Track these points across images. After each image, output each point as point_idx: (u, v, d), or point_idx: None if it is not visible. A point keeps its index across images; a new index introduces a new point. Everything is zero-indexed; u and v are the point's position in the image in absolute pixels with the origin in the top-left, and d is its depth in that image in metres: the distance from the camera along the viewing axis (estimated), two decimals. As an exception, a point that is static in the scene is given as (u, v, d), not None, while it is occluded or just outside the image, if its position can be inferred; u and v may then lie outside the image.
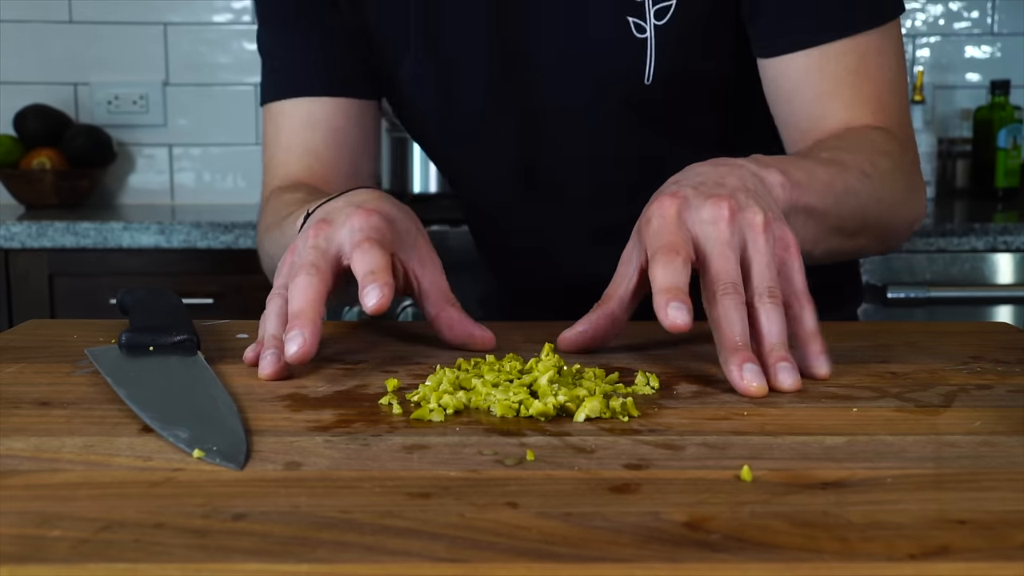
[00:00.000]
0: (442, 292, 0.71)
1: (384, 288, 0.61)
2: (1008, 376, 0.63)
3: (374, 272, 0.62)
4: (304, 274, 0.63)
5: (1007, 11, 2.40)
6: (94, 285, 1.87)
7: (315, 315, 0.61)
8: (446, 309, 0.71)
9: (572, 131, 0.91)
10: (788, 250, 0.62)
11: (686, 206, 0.62)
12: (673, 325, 0.57)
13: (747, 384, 0.57)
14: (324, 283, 0.63)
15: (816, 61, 0.84)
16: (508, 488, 0.42)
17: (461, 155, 0.97)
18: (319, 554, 0.36)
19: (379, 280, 0.61)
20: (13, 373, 0.63)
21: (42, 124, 2.22)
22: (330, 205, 0.71)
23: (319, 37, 0.94)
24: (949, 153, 2.37)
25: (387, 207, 0.69)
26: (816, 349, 0.62)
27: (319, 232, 0.66)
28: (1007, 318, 1.83)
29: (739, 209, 0.61)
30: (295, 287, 0.63)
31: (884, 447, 0.48)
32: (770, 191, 0.67)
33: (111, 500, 0.41)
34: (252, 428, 0.51)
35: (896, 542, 0.37)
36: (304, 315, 0.61)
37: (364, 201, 0.69)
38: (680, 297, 0.57)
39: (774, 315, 0.60)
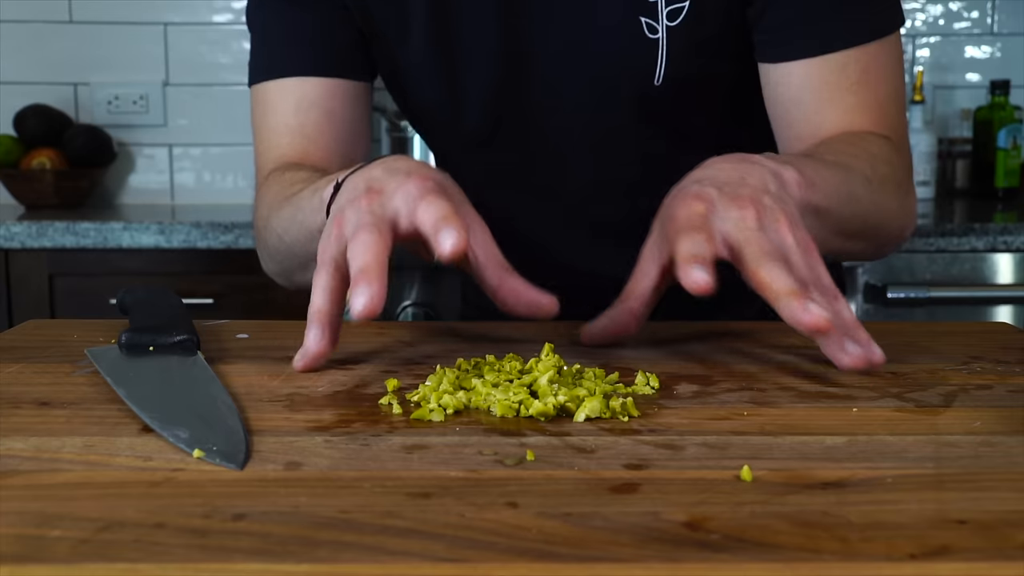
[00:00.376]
0: (499, 261, 0.67)
1: (461, 231, 0.58)
2: (1008, 376, 0.63)
3: (446, 217, 0.59)
4: (365, 232, 0.60)
5: (1007, 11, 2.40)
6: (94, 285, 1.87)
7: (382, 271, 0.58)
8: (507, 278, 0.67)
9: (576, 128, 0.91)
10: (811, 253, 0.63)
11: (712, 208, 0.62)
12: (695, 284, 0.57)
13: (815, 318, 0.56)
14: (386, 243, 0.60)
15: (820, 70, 0.85)
16: (508, 488, 0.42)
17: (462, 146, 0.96)
18: (319, 554, 0.36)
19: (453, 223, 0.58)
20: (13, 373, 0.63)
21: (42, 124, 2.22)
22: (369, 172, 0.66)
23: (315, 15, 0.91)
24: (949, 153, 2.37)
25: (435, 174, 0.66)
26: (864, 336, 0.62)
27: (372, 200, 0.62)
28: (1007, 318, 1.83)
29: (765, 213, 0.62)
30: (356, 246, 0.59)
31: (884, 447, 0.48)
32: (787, 189, 0.67)
33: (111, 500, 0.41)
34: (252, 428, 0.51)
35: (896, 542, 0.37)
36: (371, 270, 0.58)
37: (411, 168, 0.65)
38: (703, 262, 0.57)
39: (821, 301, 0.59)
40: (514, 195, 0.97)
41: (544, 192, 0.95)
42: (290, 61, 0.92)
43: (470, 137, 0.94)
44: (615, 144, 0.92)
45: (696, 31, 0.85)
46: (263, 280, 0.94)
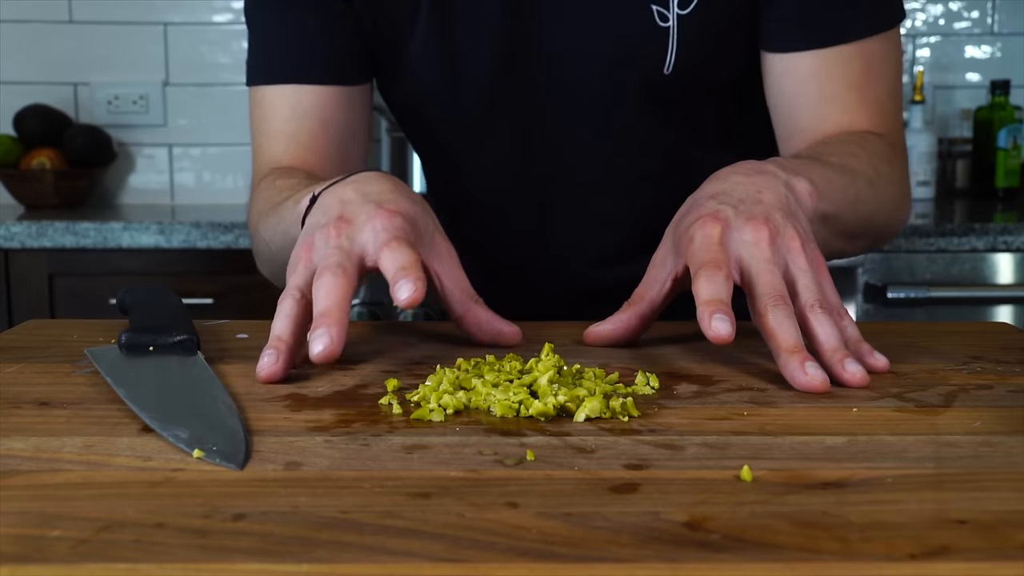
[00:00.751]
0: (465, 290, 0.70)
1: (417, 282, 0.60)
2: (1008, 376, 0.63)
3: (405, 268, 0.61)
4: (330, 274, 0.62)
5: (1007, 11, 2.40)
6: (94, 285, 1.87)
7: (342, 315, 0.60)
8: (472, 308, 0.70)
9: (581, 117, 0.90)
10: (820, 270, 0.65)
11: (728, 228, 0.64)
12: (717, 336, 0.58)
13: (811, 379, 0.58)
14: (350, 284, 0.62)
15: (824, 63, 0.85)
16: (508, 488, 0.42)
17: (462, 138, 0.95)
18: (319, 554, 0.36)
19: (411, 275, 0.60)
20: (13, 373, 0.63)
21: (42, 124, 2.22)
22: (342, 193, 0.68)
23: (315, 15, 0.91)
24: (949, 153, 2.37)
25: (406, 205, 0.67)
26: (867, 348, 0.64)
27: (340, 231, 0.64)
28: (1007, 318, 1.83)
29: (779, 233, 0.64)
30: (320, 287, 0.61)
31: (884, 447, 0.48)
32: (800, 201, 0.69)
33: (111, 500, 0.41)
34: (252, 428, 0.51)
35: (896, 542, 0.37)
36: (331, 314, 0.60)
37: (383, 199, 0.67)
38: (723, 309, 0.59)
39: (827, 322, 0.62)
40: (512, 187, 0.96)
41: (546, 185, 0.94)
42: (289, 66, 0.92)
43: (472, 128, 0.93)
44: (623, 134, 0.91)
45: (707, 19, 0.84)
46: (263, 280, 0.94)
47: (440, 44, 0.89)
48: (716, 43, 0.86)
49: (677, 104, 0.89)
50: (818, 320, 0.62)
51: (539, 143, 0.92)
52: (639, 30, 0.85)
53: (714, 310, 0.59)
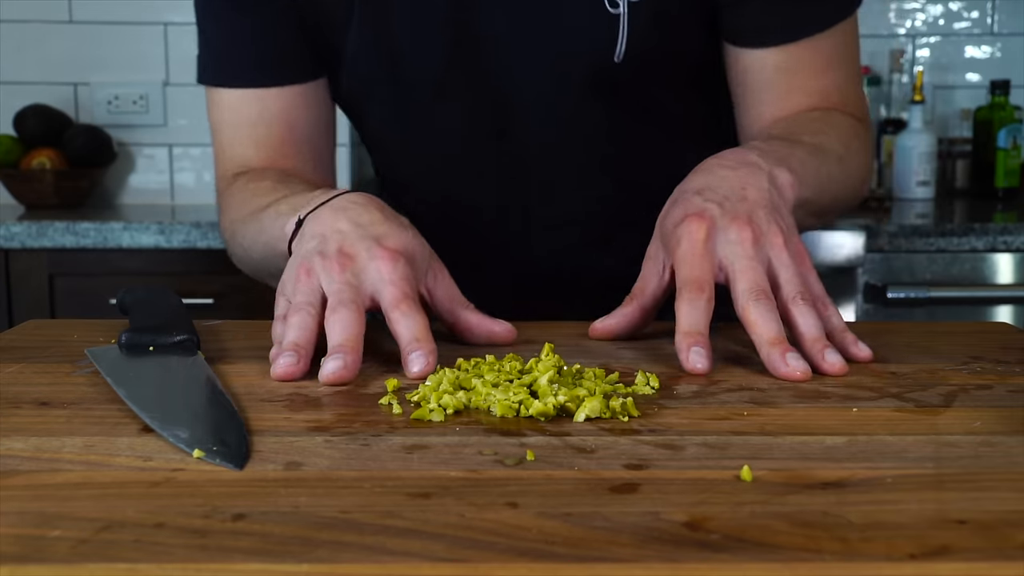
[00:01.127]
0: (455, 299, 0.73)
1: (429, 356, 0.62)
2: (1008, 376, 0.63)
3: (418, 339, 0.63)
4: (345, 310, 0.63)
5: (1007, 11, 2.40)
6: (94, 285, 1.87)
7: (359, 347, 0.62)
8: (462, 314, 0.72)
9: (531, 106, 0.89)
10: (804, 262, 0.68)
11: (713, 229, 0.66)
12: (693, 369, 0.62)
13: (792, 370, 0.61)
14: (362, 320, 0.64)
15: (793, 55, 0.86)
16: (508, 488, 0.42)
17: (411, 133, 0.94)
18: (319, 554, 0.36)
19: (424, 348, 0.63)
20: (13, 373, 0.63)
21: (42, 124, 2.22)
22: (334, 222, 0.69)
23: (267, 17, 0.90)
24: (949, 153, 2.37)
25: (402, 240, 0.69)
26: (851, 338, 0.67)
27: (344, 267, 0.66)
28: (1007, 318, 1.83)
29: (762, 232, 0.66)
30: (337, 322, 0.63)
31: (884, 447, 0.48)
32: (782, 194, 0.71)
33: (111, 500, 0.41)
34: (252, 428, 0.51)
35: (896, 542, 0.37)
36: (348, 344, 0.62)
37: (379, 232, 0.68)
38: (701, 342, 0.62)
39: (808, 313, 0.64)
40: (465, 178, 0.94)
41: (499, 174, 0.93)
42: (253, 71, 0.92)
43: (419, 120, 0.92)
44: (574, 122, 0.90)
45: (658, 6, 0.84)
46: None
47: (376, 37, 0.87)
48: (669, 29, 0.85)
49: (629, 92, 0.88)
50: (799, 311, 0.64)
51: (489, 133, 0.91)
52: (589, 16, 0.84)
53: (692, 343, 0.62)
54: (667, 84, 0.90)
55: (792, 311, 0.65)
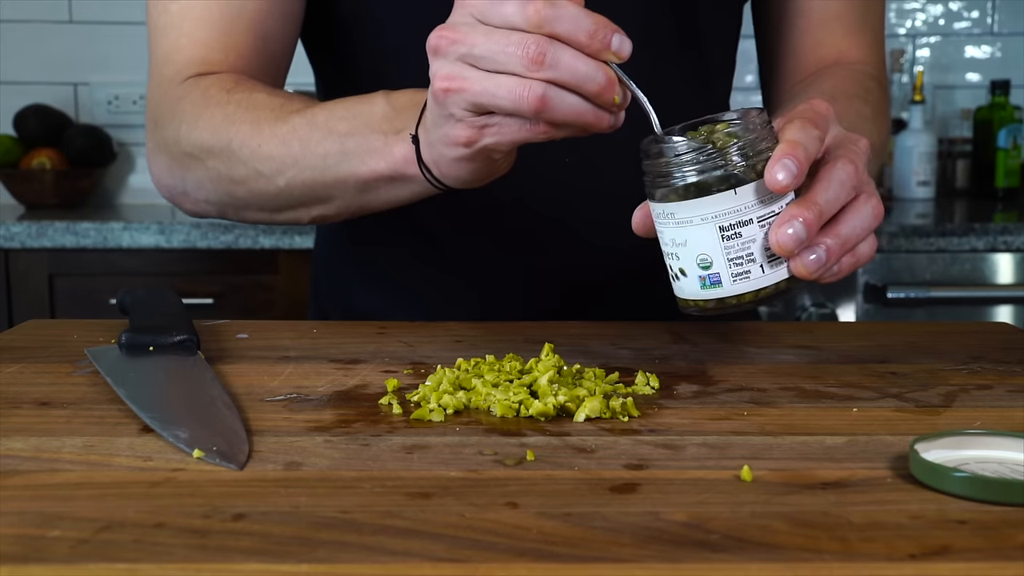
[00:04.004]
0: None
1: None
2: (1008, 376, 0.63)
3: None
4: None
5: (1007, 11, 2.40)
6: (94, 285, 1.87)
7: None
8: None
9: None
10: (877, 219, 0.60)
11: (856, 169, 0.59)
12: (772, 182, 0.54)
13: (781, 182, 0.54)
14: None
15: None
16: (508, 488, 0.42)
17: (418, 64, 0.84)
18: (319, 554, 0.36)
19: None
20: (13, 373, 0.63)
21: (42, 124, 2.22)
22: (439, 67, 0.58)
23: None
24: (949, 153, 2.37)
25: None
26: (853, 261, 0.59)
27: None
28: (1007, 318, 1.83)
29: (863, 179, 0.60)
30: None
31: (884, 447, 0.48)
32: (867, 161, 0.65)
33: (111, 500, 0.41)
34: (252, 428, 0.51)
35: (896, 542, 0.37)
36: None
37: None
38: (798, 156, 0.54)
39: (862, 215, 0.58)
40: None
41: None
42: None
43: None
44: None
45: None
46: (263, 280, 0.94)
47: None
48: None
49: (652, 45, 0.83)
50: (857, 205, 0.58)
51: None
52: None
53: (788, 153, 0.54)
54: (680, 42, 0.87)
55: (849, 206, 0.58)
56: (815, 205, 0.56)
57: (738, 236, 0.55)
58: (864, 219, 0.58)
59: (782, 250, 0.55)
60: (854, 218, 0.58)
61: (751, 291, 0.56)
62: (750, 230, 0.55)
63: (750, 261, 0.56)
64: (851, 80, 0.83)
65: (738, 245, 0.56)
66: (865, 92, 0.82)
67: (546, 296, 0.93)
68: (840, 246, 0.57)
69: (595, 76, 0.56)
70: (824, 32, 0.87)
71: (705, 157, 0.55)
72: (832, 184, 0.57)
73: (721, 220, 0.55)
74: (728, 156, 0.55)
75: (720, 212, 0.55)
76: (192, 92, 0.78)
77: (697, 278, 0.57)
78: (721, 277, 0.56)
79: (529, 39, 0.55)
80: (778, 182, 0.54)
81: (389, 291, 0.90)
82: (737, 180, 0.55)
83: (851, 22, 0.87)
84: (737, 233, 0.55)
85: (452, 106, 0.58)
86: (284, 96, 0.76)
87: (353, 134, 0.68)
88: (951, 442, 0.46)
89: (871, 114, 0.79)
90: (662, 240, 0.58)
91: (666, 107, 0.70)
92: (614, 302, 0.72)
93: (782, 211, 0.55)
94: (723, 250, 0.56)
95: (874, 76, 0.87)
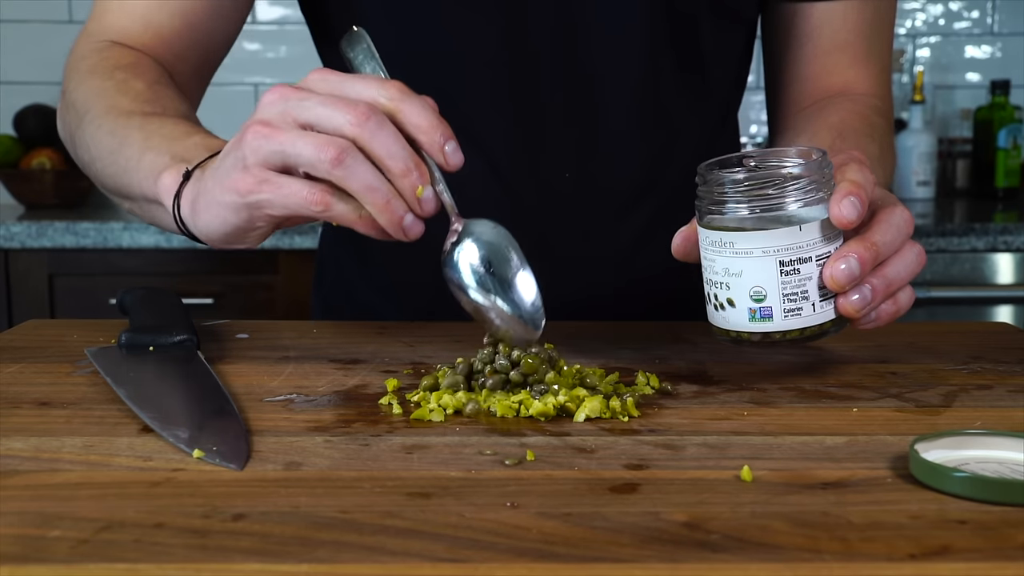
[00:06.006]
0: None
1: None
2: (1008, 376, 0.63)
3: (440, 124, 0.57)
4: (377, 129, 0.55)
5: (1007, 11, 2.39)
6: (94, 285, 1.87)
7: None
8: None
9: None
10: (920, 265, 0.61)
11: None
12: (839, 218, 0.55)
13: (844, 216, 0.55)
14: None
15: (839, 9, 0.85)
16: (508, 488, 0.42)
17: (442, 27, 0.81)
18: (319, 554, 0.36)
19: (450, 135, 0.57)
20: (13, 373, 0.63)
21: (42, 124, 2.22)
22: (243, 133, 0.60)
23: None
24: (949, 153, 2.37)
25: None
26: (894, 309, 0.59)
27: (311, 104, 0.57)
28: (1007, 318, 1.83)
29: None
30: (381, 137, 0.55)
31: (884, 447, 0.48)
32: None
33: (111, 500, 0.41)
34: (252, 428, 0.51)
35: (896, 542, 0.37)
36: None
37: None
38: (862, 196, 0.56)
39: (907, 261, 0.58)
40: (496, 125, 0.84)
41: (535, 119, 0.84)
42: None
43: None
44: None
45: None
46: (263, 280, 0.94)
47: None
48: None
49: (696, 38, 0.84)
50: (902, 254, 0.58)
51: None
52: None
53: (854, 192, 0.56)
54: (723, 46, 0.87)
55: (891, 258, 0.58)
56: (873, 245, 0.57)
57: (796, 272, 0.56)
58: (909, 264, 0.59)
59: (834, 284, 0.56)
60: (899, 262, 0.58)
61: (799, 328, 0.57)
62: (808, 267, 0.56)
63: (803, 298, 0.56)
64: (858, 116, 0.82)
65: (795, 281, 0.56)
66: (871, 129, 0.81)
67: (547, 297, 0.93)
68: (885, 288, 0.58)
69: (405, 158, 0.55)
70: (831, 60, 0.86)
71: (775, 190, 0.55)
72: (891, 228, 0.58)
73: (783, 255, 0.56)
74: (798, 191, 0.55)
75: (783, 247, 0.56)
76: (92, 56, 0.79)
77: (747, 310, 0.57)
78: (773, 312, 0.56)
79: (360, 108, 0.55)
80: (845, 217, 0.55)
81: (390, 287, 0.91)
82: (802, 217, 0.55)
83: (859, 51, 0.86)
84: (796, 269, 0.56)
85: (250, 151, 0.58)
86: (159, 94, 0.75)
87: (155, 150, 0.68)
88: (951, 442, 0.46)
89: (878, 153, 0.78)
90: (710, 268, 0.58)
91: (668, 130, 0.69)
92: (615, 307, 0.72)
93: (838, 249, 0.56)
94: (780, 285, 0.56)
95: (880, 109, 0.86)
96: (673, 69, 0.85)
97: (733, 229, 0.56)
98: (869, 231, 0.57)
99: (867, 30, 0.86)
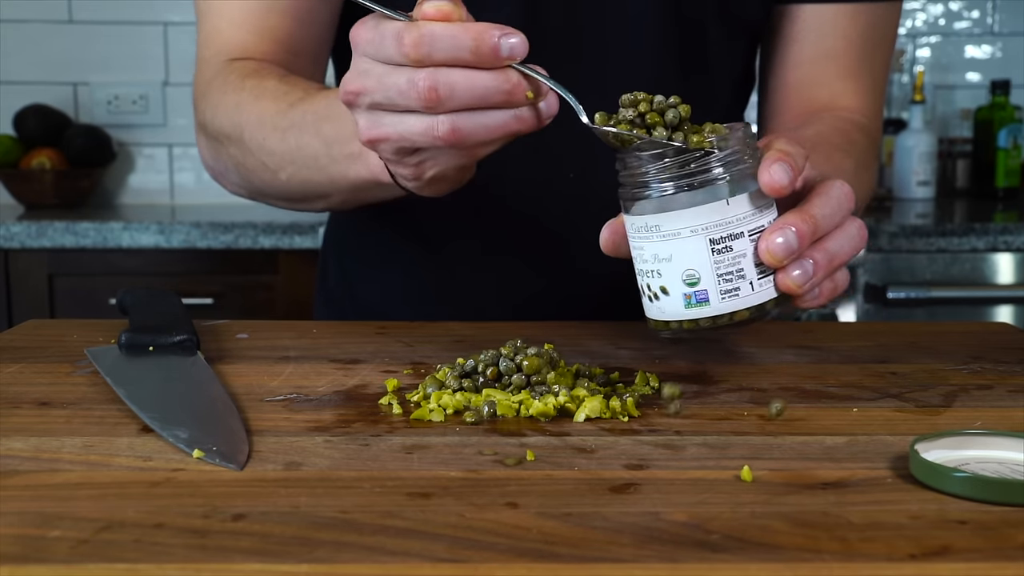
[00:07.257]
0: None
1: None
2: (1008, 376, 0.63)
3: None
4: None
5: (1007, 11, 2.40)
6: (94, 285, 1.87)
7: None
8: None
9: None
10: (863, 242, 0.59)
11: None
12: (771, 183, 0.52)
13: (775, 180, 0.52)
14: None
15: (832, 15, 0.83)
16: (508, 488, 0.42)
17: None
18: (319, 554, 0.36)
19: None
20: (13, 373, 0.63)
21: (42, 124, 2.22)
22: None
23: None
24: (949, 153, 2.37)
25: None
26: (831, 288, 0.57)
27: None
28: (1007, 318, 1.83)
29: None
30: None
31: (884, 447, 0.48)
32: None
33: (111, 500, 0.41)
34: (252, 428, 0.51)
35: (896, 542, 0.37)
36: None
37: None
38: (791, 162, 0.53)
39: (849, 235, 0.56)
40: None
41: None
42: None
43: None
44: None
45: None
46: (263, 280, 0.94)
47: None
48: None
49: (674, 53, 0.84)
50: (843, 228, 0.56)
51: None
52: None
53: (782, 158, 0.53)
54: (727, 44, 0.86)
55: (831, 233, 0.56)
56: (811, 217, 0.54)
57: (729, 250, 0.52)
58: (851, 239, 0.56)
59: (771, 259, 0.52)
60: (841, 236, 0.56)
61: (739, 309, 0.53)
62: (741, 243, 0.53)
63: (739, 277, 0.53)
64: (836, 130, 0.80)
65: (728, 259, 0.53)
66: (849, 144, 0.79)
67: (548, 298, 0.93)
68: (828, 262, 0.55)
69: (496, 87, 0.52)
70: (817, 69, 0.84)
71: (696, 164, 0.52)
72: (830, 200, 0.55)
73: (712, 232, 0.52)
74: (722, 163, 0.52)
75: (711, 223, 0.52)
76: (219, 76, 0.79)
77: (682, 296, 0.53)
78: (709, 295, 0.53)
79: (418, 76, 0.52)
80: (776, 182, 0.52)
81: (393, 285, 0.91)
82: (729, 190, 0.52)
83: (850, 63, 0.84)
84: (728, 247, 0.52)
85: (385, 153, 0.58)
86: (290, 83, 0.75)
87: (336, 139, 0.68)
88: (951, 442, 0.46)
89: (852, 168, 0.75)
90: (640, 258, 0.55)
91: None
92: (616, 305, 0.72)
93: (772, 223, 0.53)
94: (713, 265, 0.53)
95: (863, 127, 0.83)
96: (680, 73, 0.84)
97: (658, 212, 0.52)
98: (807, 203, 0.55)
99: (859, 40, 0.84)
